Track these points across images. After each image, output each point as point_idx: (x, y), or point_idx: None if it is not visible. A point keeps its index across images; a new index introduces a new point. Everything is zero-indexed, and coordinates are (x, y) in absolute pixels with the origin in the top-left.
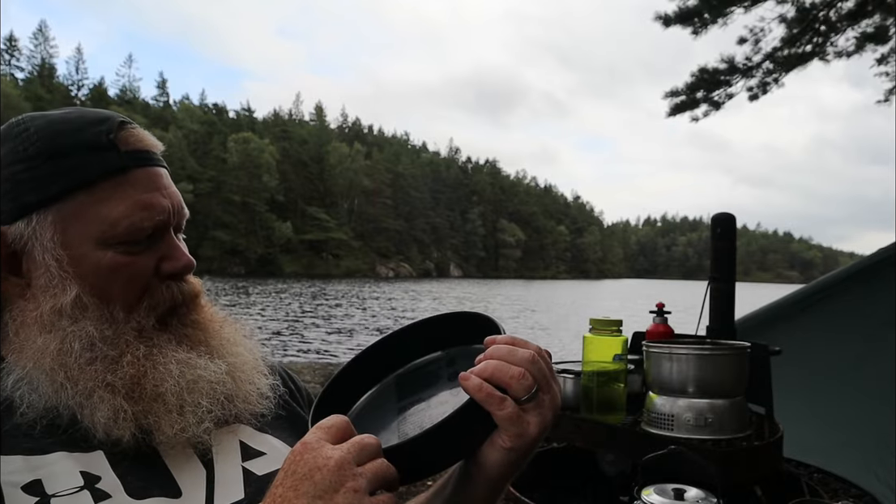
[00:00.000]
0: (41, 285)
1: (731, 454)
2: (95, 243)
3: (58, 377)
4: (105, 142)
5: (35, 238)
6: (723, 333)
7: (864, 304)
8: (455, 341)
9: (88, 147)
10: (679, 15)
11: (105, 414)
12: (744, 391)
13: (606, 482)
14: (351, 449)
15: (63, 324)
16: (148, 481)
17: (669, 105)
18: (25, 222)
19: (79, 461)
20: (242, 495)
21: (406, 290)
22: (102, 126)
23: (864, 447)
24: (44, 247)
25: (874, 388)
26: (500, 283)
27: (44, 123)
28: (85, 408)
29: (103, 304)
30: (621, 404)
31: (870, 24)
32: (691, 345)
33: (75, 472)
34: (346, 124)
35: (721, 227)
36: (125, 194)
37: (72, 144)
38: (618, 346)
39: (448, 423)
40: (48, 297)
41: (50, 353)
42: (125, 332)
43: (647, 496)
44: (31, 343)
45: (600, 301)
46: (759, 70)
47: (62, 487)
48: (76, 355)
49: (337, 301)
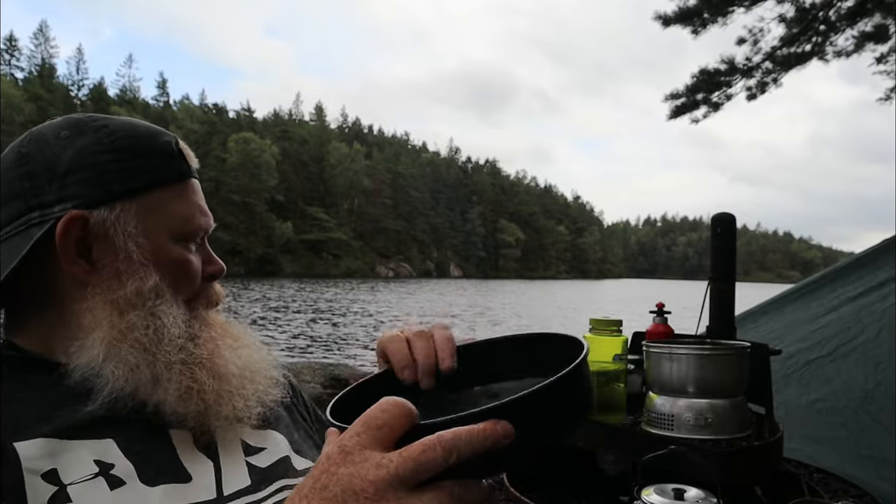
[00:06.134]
0: (117, 270)
1: (731, 454)
2: (169, 237)
3: (136, 355)
4: (176, 151)
5: (118, 225)
6: (723, 333)
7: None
8: (531, 363)
9: (164, 153)
10: (679, 15)
11: (178, 388)
12: (744, 391)
13: (606, 482)
14: (405, 465)
15: (148, 304)
16: (159, 469)
17: (670, 108)
18: (109, 209)
19: (92, 449)
20: (249, 482)
21: (410, 292)
22: (168, 137)
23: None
24: (126, 234)
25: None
26: (501, 283)
27: (121, 124)
28: (160, 382)
29: (172, 293)
30: (621, 404)
31: (869, 23)
32: (691, 345)
33: (89, 460)
34: (346, 124)
35: (721, 226)
36: (190, 199)
37: (151, 147)
38: (618, 346)
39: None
40: (130, 281)
41: (136, 330)
42: (195, 318)
43: (647, 496)
44: (106, 323)
45: (607, 303)
46: (759, 70)
47: (77, 476)
48: (162, 331)
49: (330, 301)
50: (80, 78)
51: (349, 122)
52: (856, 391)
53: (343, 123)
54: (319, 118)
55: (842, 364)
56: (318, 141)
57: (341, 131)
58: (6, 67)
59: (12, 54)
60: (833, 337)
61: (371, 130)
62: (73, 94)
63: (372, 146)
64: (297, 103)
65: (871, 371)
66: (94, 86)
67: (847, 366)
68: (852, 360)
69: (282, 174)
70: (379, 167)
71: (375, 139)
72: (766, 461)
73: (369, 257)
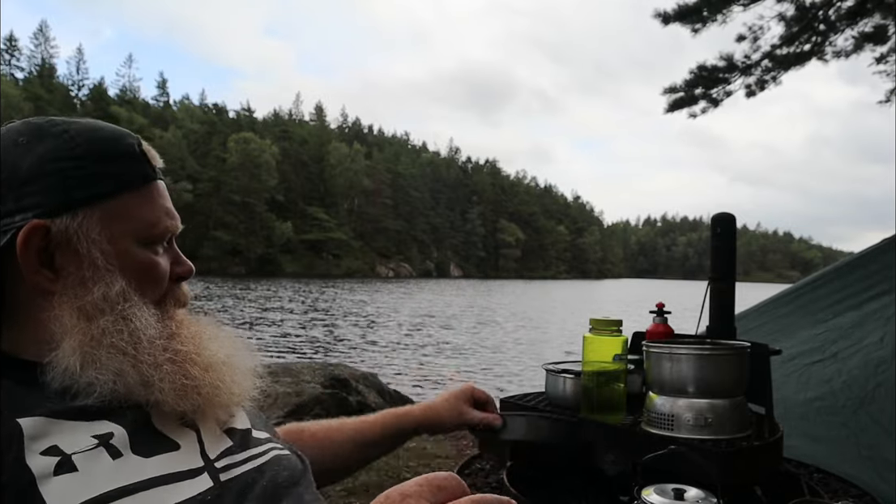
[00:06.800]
0: (83, 277)
1: (731, 454)
2: (135, 241)
3: (117, 360)
4: (139, 153)
5: (81, 232)
6: (723, 333)
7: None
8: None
9: (127, 156)
10: (678, 13)
11: (173, 386)
12: (744, 391)
13: (606, 482)
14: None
15: (117, 308)
16: (150, 444)
17: (668, 101)
18: (71, 217)
19: (88, 429)
20: (231, 443)
21: (407, 292)
22: (131, 139)
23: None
24: (90, 240)
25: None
26: (501, 283)
27: (81, 128)
28: (152, 383)
29: (139, 296)
30: (621, 404)
31: (868, 23)
32: (691, 345)
33: (87, 435)
34: (346, 124)
35: (721, 226)
36: (155, 201)
37: (114, 151)
38: (618, 346)
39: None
40: (96, 287)
41: (110, 335)
42: (168, 317)
43: (647, 496)
44: (77, 331)
45: (607, 303)
46: (758, 68)
47: (78, 447)
48: (137, 333)
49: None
50: (80, 78)
51: (349, 122)
52: (855, 391)
53: (343, 123)
54: (319, 118)
55: (842, 366)
56: (318, 141)
57: (341, 131)
58: (6, 67)
59: (12, 54)
60: (834, 342)
61: (371, 130)
62: (73, 94)
63: (372, 146)
64: (297, 103)
65: (872, 372)
66: (94, 86)
67: (848, 367)
68: (853, 363)
69: (282, 174)
70: (379, 167)
71: (375, 139)
72: (766, 461)
73: (369, 257)
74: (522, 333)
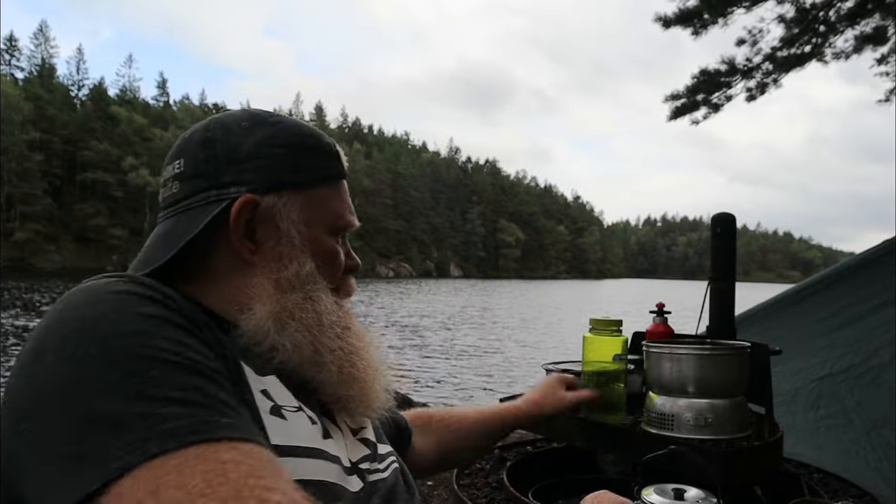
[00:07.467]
0: (279, 253)
1: (731, 454)
2: (326, 229)
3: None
4: (335, 152)
5: (283, 212)
6: (723, 333)
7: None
8: None
9: (327, 153)
10: (679, 16)
11: (340, 371)
12: (744, 391)
13: (606, 482)
14: None
15: (307, 288)
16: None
17: (670, 109)
18: (277, 196)
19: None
20: (368, 451)
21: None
22: (329, 140)
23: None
24: (290, 221)
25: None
26: (501, 283)
27: (292, 123)
28: (323, 364)
29: (323, 281)
30: (621, 404)
31: (868, 24)
32: (691, 345)
33: (288, 394)
34: (345, 124)
35: (721, 226)
36: (343, 197)
37: (317, 146)
38: (618, 346)
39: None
40: (291, 265)
41: (300, 310)
42: (341, 308)
43: (647, 496)
44: (273, 300)
45: (607, 303)
46: (759, 71)
47: (285, 404)
48: (322, 316)
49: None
50: (80, 78)
51: (349, 122)
52: (870, 414)
53: (343, 123)
54: (319, 118)
55: (854, 384)
56: None
57: (341, 131)
58: (6, 67)
59: (12, 54)
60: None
61: (371, 130)
62: (73, 94)
63: (372, 146)
64: (297, 103)
65: (886, 395)
66: (94, 86)
67: (860, 387)
68: (864, 383)
69: None
70: (379, 167)
71: (375, 139)
72: (766, 461)
73: (369, 257)
74: (523, 334)
